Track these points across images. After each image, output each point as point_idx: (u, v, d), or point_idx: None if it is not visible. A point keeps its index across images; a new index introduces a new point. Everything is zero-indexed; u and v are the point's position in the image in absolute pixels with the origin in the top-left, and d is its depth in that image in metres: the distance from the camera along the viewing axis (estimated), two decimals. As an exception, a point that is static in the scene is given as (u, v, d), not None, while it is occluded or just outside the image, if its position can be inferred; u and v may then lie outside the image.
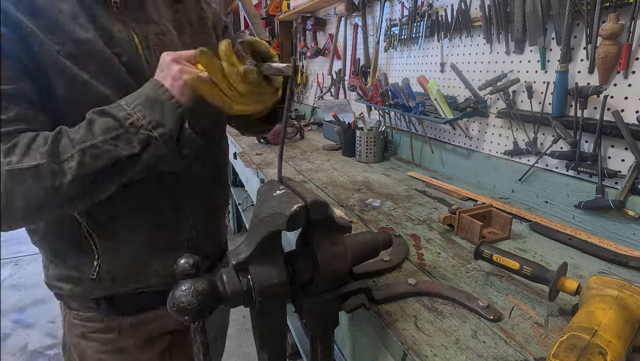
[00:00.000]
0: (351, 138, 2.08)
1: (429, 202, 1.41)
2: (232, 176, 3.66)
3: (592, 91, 1.09)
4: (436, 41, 1.77)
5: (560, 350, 0.54)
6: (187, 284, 0.59)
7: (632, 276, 0.90)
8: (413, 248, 1.04)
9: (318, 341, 0.76)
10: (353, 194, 1.50)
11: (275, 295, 0.65)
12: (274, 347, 0.71)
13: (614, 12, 1.01)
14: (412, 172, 1.79)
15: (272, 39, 3.97)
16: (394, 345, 0.70)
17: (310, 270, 0.70)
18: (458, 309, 0.78)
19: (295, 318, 2.04)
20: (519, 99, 1.37)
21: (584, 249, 1.02)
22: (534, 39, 1.26)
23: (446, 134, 1.79)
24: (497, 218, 1.13)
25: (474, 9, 1.51)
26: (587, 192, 1.15)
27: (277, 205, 0.65)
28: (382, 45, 2.21)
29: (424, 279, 0.87)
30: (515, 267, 0.79)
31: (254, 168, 1.95)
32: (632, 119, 1.03)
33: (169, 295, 0.60)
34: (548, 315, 0.76)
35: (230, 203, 3.77)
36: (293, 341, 2.05)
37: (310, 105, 3.50)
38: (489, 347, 0.67)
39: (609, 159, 1.12)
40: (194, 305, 0.58)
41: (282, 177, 0.75)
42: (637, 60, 1.01)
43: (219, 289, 0.62)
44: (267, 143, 2.46)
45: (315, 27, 3.14)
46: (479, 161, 1.57)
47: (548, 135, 1.29)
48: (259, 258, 0.64)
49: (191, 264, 0.61)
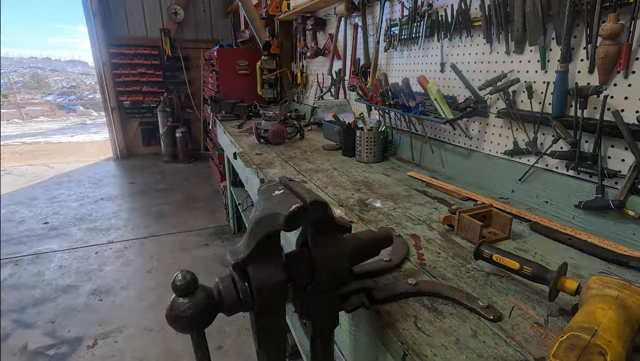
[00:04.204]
0: (351, 138, 2.08)
1: (429, 202, 1.41)
2: (232, 176, 3.66)
3: (592, 91, 1.09)
4: (436, 41, 1.77)
5: (560, 350, 0.54)
6: (185, 298, 0.59)
7: (632, 276, 0.90)
8: (413, 248, 1.04)
9: (318, 341, 0.76)
10: (353, 194, 1.50)
11: (274, 295, 0.65)
12: (273, 347, 0.70)
13: (614, 12, 1.01)
14: (412, 172, 1.79)
15: (272, 39, 3.96)
16: (394, 345, 0.70)
17: (310, 270, 0.70)
18: (458, 309, 0.77)
19: (295, 318, 2.04)
20: (519, 99, 1.37)
21: (584, 249, 1.02)
22: (534, 39, 1.26)
23: (446, 134, 1.79)
24: (497, 218, 1.13)
25: (474, 9, 1.51)
26: (587, 192, 1.15)
27: (276, 205, 0.65)
28: (382, 45, 2.21)
29: (424, 279, 0.87)
30: (515, 267, 0.79)
31: (254, 168, 1.95)
32: (632, 119, 1.03)
33: (167, 308, 0.59)
34: (548, 315, 0.75)
35: (231, 202, 3.77)
36: (293, 341, 2.05)
37: (310, 105, 3.50)
38: (489, 347, 0.67)
39: (609, 159, 1.12)
40: (192, 317, 0.58)
41: (282, 177, 0.75)
42: (637, 60, 1.01)
43: (216, 299, 0.62)
44: (267, 143, 2.46)
45: (315, 27, 3.14)
46: (479, 161, 1.57)
47: (548, 135, 1.29)
48: (257, 258, 0.63)
49: (188, 281, 0.61)
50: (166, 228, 4.01)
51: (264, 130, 2.45)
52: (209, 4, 6.70)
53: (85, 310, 2.69)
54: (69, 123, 12.41)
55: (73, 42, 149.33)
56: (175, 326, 0.59)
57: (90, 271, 3.18)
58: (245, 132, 2.90)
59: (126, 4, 6.27)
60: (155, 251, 3.53)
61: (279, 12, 3.65)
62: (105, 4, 6.12)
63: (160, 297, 2.83)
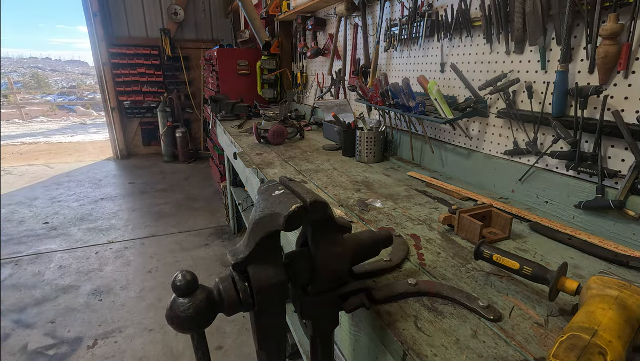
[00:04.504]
0: (351, 138, 2.08)
1: (429, 202, 1.41)
2: (232, 176, 3.66)
3: (592, 90, 1.09)
4: (436, 41, 1.77)
5: (560, 350, 0.54)
6: (185, 298, 0.59)
7: (632, 276, 0.90)
8: (413, 248, 1.04)
9: (318, 341, 0.76)
10: (353, 194, 1.50)
11: (274, 295, 0.65)
12: (273, 347, 0.71)
13: (614, 12, 1.01)
14: (412, 172, 1.79)
15: (272, 39, 3.96)
16: (394, 345, 0.70)
17: (310, 270, 0.70)
18: (458, 309, 0.77)
19: (295, 318, 2.04)
20: (519, 99, 1.37)
21: (584, 249, 1.02)
22: (534, 39, 1.26)
23: (446, 134, 1.79)
24: (497, 218, 1.13)
25: (474, 9, 1.51)
26: (587, 192, 1.15)
27: (276, 205, 0.65)
28: (382, 45, 2.21)
29: (424, 279, 0.87)
30: (515, 267, 0.79)
31: (254, 168, 1.95)
32: (632, 119, 1.03)
33: (167, 308, 0.60)
34: (548, 314, 0.75)
35: (231, 202, 3.77)
36: (293, 341, 2.04)
37: (310, 105, 3.50)
38: (489, 347, 0.67)
39: (609, 159, 1.12)
40: (192, 317, 0.58)
41: (282, 177, 0.75)
42: (637, 60, 1.01)
43: (216, 299, 0.62)
44: (267, 143, 2.46)
45: (315, 27, 3.14)
46: (479, 161, 1.57)
47: (548, 135, 1.29)
48: (257, 258, 0.64)
49: (188, 281, 0.61)
50: (166, 228, 4.01)
51: (264, 130, 2.45)
52: (209, 4, 6.70)
53: (85, 310, 2.69)
54: (69, 123, 12.41)
55: (73, 42, 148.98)
56: (175, 326, 0.59)
57: (90, 271, 3.18)
58: (245, 132, 2.90)
59: (126, 4, 6.28)
60: (155, 251, 3.53)
61: (279, 12, 3.65)
62: (105, 4, 6.12)
63: (160, 297, 2.83)
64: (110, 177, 5.81)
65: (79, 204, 4.66)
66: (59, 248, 3.59)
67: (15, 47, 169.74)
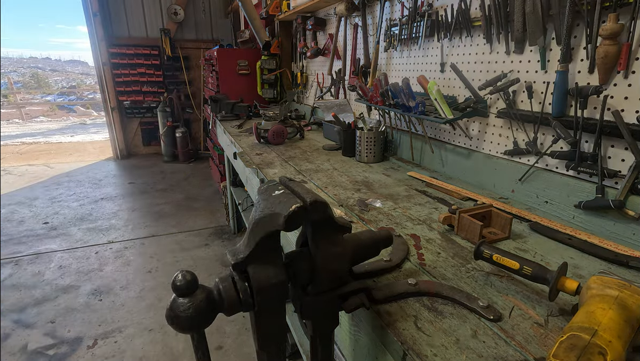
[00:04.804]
0: (351, 138, 2.08)
1: (429, 202, 1.41)
2: (232, 176, 3.66)
3: (592, 90, 1.09)
4: (436, 41, 1.77)
5: (560, 350, 0.54)
6: (185, 298, 0.59)
7: (632, 276, 0.90)
8: (413, 248, 1.04)
9: (318, 341, 0.76)
10: (353, 194, 1.50)
11: (274, 295, 0.65)
12: (273, 347, 0.71)
13: (614, 12, 1.01)
14: (412, 172, 1.79)
15: (272, 39, 3.96)
16: (394, 345, 0.70)
17: (310, 270, 0.70)
18: (458, 309, 0.77)
19: (295, 318, 2.04)
20: (519, 99, 1.37)
21: (584, 249, 1.02)
22: (534, 39, 1.26)
23: (446, 134, 1.79)
24: (497, 218, 1.13)
25: (474, 9, 1.51)
26: (587, 192, 1.15)
27: (276, 205, 0.65)
28: (382, 45, 2.21)
29: (424, 280, 0.87)
30: (515, 267, 0.79)
31: (254, 168, 1.95)
32: (632, 119, 1.03)
33: (167, 308, 0.59)
34: (548, 314, 0.75)
35: (231, 202, 3.77)
36: (293, 341, 2.04)
37: (310, 105, 3.50)
38: (489, 347, 0.67)
39: (609, 159, 1.12)
40: (192, 317, 0.58)
41: (282, 177, 0.75)
42: (637, 60, 1.01)
43: (216, 299, 0.62)
44: (267, 143, 2.46)
45: (315, 27, 3.14)
46: (479, 161, 1.57)
47: (548, 135, 1.29)
48: (257, 258, 0.64)
49: (188, 281, 0.61)
50: (166, 228, 4.01)
51: (264, 130, 2.45)
52: (209, 4, 6.70)
53: (85, 310, 2.69)
54: (68, 123, 12.41)
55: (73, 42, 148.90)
56: (175, 326, 0.59)
57: (90, 271, 3.18)
58: (245, 132, 2.90)
59: (126, 4, 6.28)
60: (155, 251, 3.53)
61: (279, 12, 3.65)
62: (105, 4, 6.12)
63: (160, 297, 2.83)
64: (110, 178, 5.81)
65: (79, 204, 4.66)
66: (59, 248, 3.59)
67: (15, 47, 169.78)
